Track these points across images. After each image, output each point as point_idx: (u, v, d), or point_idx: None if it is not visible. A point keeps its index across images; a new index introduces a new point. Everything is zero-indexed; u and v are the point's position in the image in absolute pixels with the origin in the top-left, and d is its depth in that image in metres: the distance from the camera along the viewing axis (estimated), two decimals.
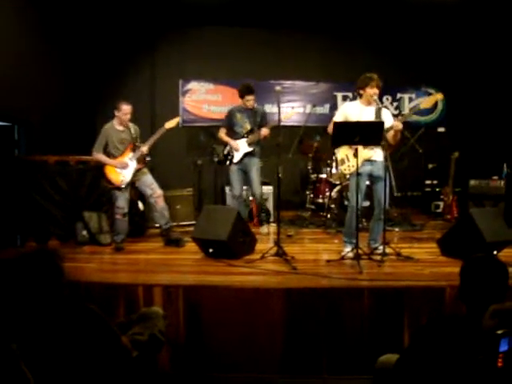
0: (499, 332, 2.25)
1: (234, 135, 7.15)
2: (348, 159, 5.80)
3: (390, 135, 5.64)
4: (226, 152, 7.27)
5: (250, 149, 7.04)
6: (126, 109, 6.30)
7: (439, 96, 6.11)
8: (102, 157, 6.35)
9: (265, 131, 6.90)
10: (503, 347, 2.25)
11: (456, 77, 9.86)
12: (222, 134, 7.25)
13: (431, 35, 9.83)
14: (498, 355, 2.25)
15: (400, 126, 5.59)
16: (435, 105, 10.06)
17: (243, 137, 7.07)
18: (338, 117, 5.88)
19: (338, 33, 9.84)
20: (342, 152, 5.87)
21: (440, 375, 2.41)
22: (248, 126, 7.06)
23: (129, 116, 6.36)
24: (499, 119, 9.21)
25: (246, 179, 7.22)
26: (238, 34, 9.77)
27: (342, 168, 5.95)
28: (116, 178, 6.31)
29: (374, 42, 9.89)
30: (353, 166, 5.65)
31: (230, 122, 7.19)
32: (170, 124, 6.48)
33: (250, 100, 6.99)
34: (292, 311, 4.43)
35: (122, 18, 9.33)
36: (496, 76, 9.39)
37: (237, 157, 7.09)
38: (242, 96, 7.03)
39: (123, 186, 6.33)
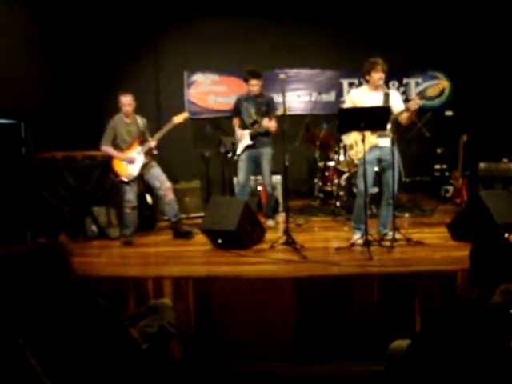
0: None
1: (243, 125, 6.91)
2: (357, 145, 5.78)
3: (403, 117, 5.60)
4: (233, 142, 7.13)
5: (251, 142, 6.76)
6: (123, 100, 6.26)
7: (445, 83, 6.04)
8: (110, 150, 6.35)
9: (266, 123, 6.55)
10: None
11: (463, 59, 9.76)
12: (235, 122, 7.03)
13: (437, 18, 9.71)
14: (511, 335, 2.22)
15: (415, 106, 5.45)
16: (442, 90, 10.00)
17: (248, 127, 6.82)
18: (347, 104, 5.93)
19: (342, 19, 9.75)
20: (352, 137, 5.86)
21: (451, 359, 2.39)
22: (254, 116, 6.75)
23: (130, 107, 6.31)
24: (508, 101, 9.12)
25: (257, 169, 7.04)
26: (242, 24, 9.71)
27: (350, 153, 5.96)
28: (123, 172, 6.32)
29: (379, 27, 9.78)
30: (360, 152, 5.63)
31: (237, 112, 6.96)
32: (178, 119, 6.45)
33: (255, 85, 6.68)
34: (302, 300, 4.42)
35: (124, 10, 9.29)
36: (504, 57, 9.29)
37: (239, 149, 6.90)
38: (246, 80, 6.78)
39: (130, 180, 6.33)
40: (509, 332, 2.22)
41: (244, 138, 6.82)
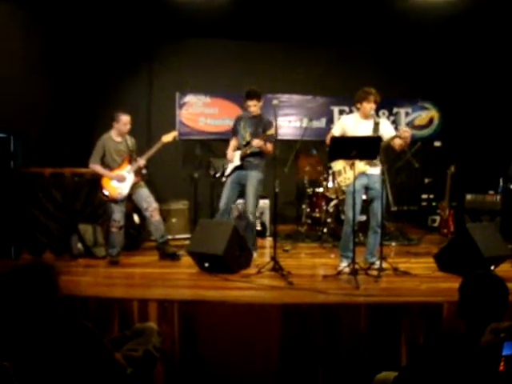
0: (503, 335, 2.23)
1: (239, 146, 6.59)
2: (345, 171, 5.83)
3: (396, 142, 5.67)
4: (223, 164, 6.86)
5: (239, 163, 6.44)
6: (125, 119, 6.30)
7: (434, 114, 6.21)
8: (99, 168, 6.32)
9: (257, 142, 6.18)
10: (507, 351, 2.22)
11: (452, 91, 9.92)
12: (231, 142, 6.72)
13: (427, 49, 9.88)
14: (501, 359, 2.22)
15: (406, 134, 5.54)
16: (431, 119, 10.14)
17: (241, 148, 6.52)
18: (336, 129, 5.98)
19: (334, 47, 9.86)
20: (340, 164, 5.90)
21: None
22: (248, 137, 6.42)
23: (128, 126, 6.36)
24: (495, 133, 9.23)
25: (243, 193, 6.57)
26: (235, 48, 9.79)
27: (338, 180, 5.97)
28: (113, 191, 6.28)
29: (370, 56, 9.92)
30: (348, 179, 5.71)
31: (235, 130, 6.67)
32: (167, 138, 6.46)
33: (251, 106, 6.39)
34: (288, 327, 4.39)
35: (119, 30, 9.32)
36: (492, 90, 9.42)
37: (228, 170, 6.59)
38: (244, 101, 6.53)
39: (120, 199, 6.30)
40: (499, 355, 2.22)
41: (234, 159, 6.54)
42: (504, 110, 9.17)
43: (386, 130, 5.78)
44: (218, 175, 6.86)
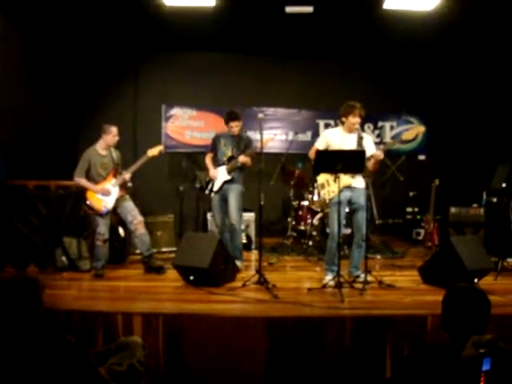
0: (482, 351, 2.25)
1: (217, 162, 6.86)
2: (328, 184, 5.85)
3: (370, 163, 5.71)
4: (207, 179, 6.93)
5: (229, 177, 6.66)
6: (115, 131, 6.32)
7: (421, 129, 6.34)
8: (84, 181, 6.29)
9: (243, 158, 6.52)
10: (486, 366, 2.24)
11: (436, 105, 10.02)
12: (207, 159, 6.94)
13: (412, 63, 9.99)
14: (481, 374, 2.24)
15: (381, 156, 5.68)
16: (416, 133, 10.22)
17: (223, 164, 6.74)
18: (320, 143, 5.97)
19: (320, 61, 9.91)
20: (323, 177, 5.92)
21: None
22: (229, 153, 6.71)
23: (117, 138, 6.38)
24: (479, 147, 9.32)
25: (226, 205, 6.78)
26: (222, 61, 9.82)
27: (322, 193, 5.99)
28: (98, 205, 6.26)
29: (356, 70, 10.00)
30: (332, 192, 5.73)
31: (214, 148, 6.89)
32: (152, 152, 6.46)
33: (234, 127, 6.65)
34: (273, 340, 4.38)
35: (105, 43, 9.34)
36: (476, 104, 9.52)
37: (216, 185, 6.74)
38: (226, 122, 6.74)
39: (105, 213, 6.28)
40: (479, 371, 2.24)
41: (220, 174, 6.71)
42: (487, 123, 9.27)
43: (368, 147, 5.80)
44: (206, 192, 6.86)
